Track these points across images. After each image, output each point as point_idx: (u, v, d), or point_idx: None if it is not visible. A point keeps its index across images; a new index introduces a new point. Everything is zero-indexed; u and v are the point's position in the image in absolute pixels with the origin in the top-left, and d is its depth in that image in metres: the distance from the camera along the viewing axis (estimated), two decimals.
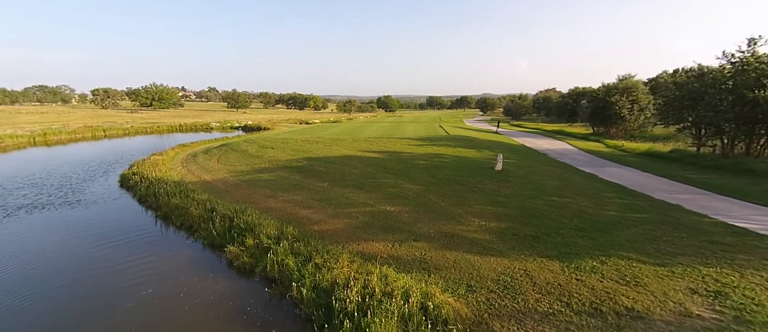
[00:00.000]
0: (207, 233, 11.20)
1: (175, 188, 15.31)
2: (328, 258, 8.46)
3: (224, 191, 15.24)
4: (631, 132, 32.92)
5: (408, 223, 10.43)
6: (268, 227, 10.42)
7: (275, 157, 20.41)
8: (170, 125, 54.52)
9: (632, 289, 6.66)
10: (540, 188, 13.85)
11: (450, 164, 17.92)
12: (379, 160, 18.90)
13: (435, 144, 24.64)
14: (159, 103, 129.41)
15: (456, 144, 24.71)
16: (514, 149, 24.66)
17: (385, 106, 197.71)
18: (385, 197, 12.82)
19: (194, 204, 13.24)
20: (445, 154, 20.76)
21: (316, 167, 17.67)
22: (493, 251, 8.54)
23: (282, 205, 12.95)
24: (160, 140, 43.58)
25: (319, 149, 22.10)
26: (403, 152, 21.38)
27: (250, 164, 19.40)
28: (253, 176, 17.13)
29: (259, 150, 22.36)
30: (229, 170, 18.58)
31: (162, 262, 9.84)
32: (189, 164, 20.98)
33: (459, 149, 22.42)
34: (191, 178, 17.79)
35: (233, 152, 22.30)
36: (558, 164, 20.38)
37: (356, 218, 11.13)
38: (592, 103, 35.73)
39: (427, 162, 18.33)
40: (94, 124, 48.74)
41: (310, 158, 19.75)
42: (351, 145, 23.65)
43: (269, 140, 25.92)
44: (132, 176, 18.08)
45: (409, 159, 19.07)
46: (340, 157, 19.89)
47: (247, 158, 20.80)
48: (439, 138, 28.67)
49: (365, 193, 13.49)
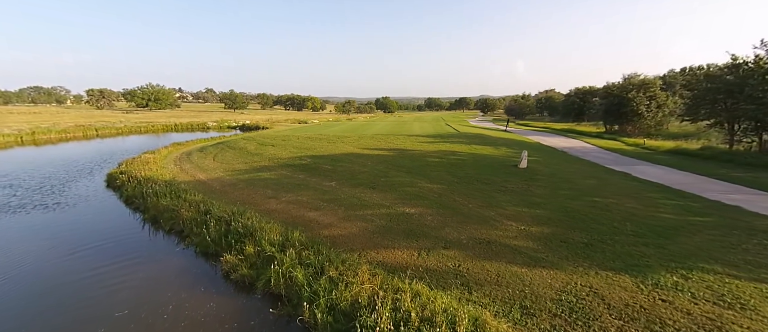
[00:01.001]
0: (200, 239, 9.71)
1: (166, 188, 13.80)
2: (344, 269, 7.01)
3: (220, 192, 13.75)
4: (647, 130, 31.60)
5: (433, 227, 8.99)
6: (270, 232, 8.96)
7: (276, 155, 18.93)
8: (165, 125, 52.87)
9: (740, 314, 5.23)
10: (575, 187, 12.43)
11: (468, 161, 16.51)
12: (390, 157, 17.47)
13: (447, 141, 23.23)
14: (155, 103, 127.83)
15: (469, 141, 23.29)
16: (532, 147, 23.19)
17: (384, 107, 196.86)
18: (402, 198, 11.37)
19: (186, 206, 11.73)
20: (460, 151, 19.34)
21: (321, 165, 16.21)
22: (542, 261, 7.10)
23: (285, 207, 11.49)
24: (155, 139, 42.02)
25: (323, 147, 20.64)
26: (413, 149, 19.96)
27: (248, 162, 17.91)
28: (252, 175, 15.64)
29: (258, 148, 20.87)
30: (225, 168, 17.08)
31: (145, 274, 8.35)
32: (183, 162, 19.46)
33: (474, 146, 21.00)
34: (184, 177, 16.28)
35: (230, 150, 20.79)
36: (584, 162, 18.94)
37: (372, 221, 9.68)
38: (607, 100, 34.30)
39: (443, 160, 16.91)
40: (86, 123, 47.04)
41: (314, 156, 18.29)
42: (357, 142, 22.22)
43: (269, 137, 24.45)
44: (119, 176, 16.54)
45: (421, 157, 17.64)
46: (346, 154, 18.44)
47: (245, 156, 19.31)
48: (450, 135, 27.25)
49: (379, 193, 12.03)
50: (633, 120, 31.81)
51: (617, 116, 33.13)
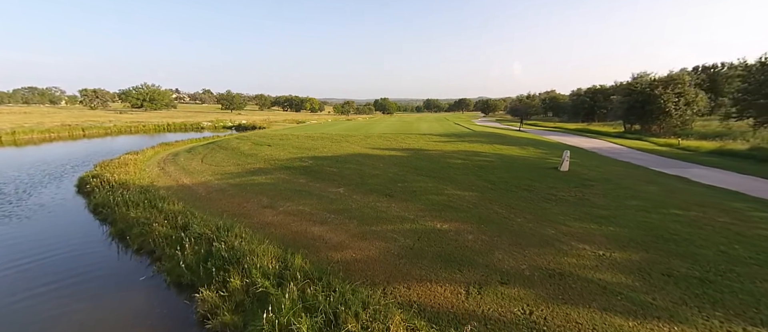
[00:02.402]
0: (172, 264, 7.53)
1: (141, 195, 11.58)
2: (367, 320, 4.87)
3: (206, 199, 11.56)
4: (673, 129, 29.45)
5: (478, 250, 6.83)
6: (264, 256, 6.81)
7: (273, 156, 16.71)
8: (157, 125, 50.50)
9: None
10: (640, 195, 10.19)
11: (496, 163, 14.32)
12: (404, 159, 15.28)
13: (464, 140, 21.02)
14: (150, 104, 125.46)
15: (489, 140, 21.09)
16: (556, 147, 20.99)
17: (383, 108, 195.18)
18: (429, 209, 9.20)
19: (160, 218, 9.53)
20: (484, 152, 17.14)
21: (325, 168, 14.00)
22: (651, 309, 4.94)
23: (284, 219, 9.32)
24: (144, 139, 39.75)
25: (326, 147, 18.41)
26: (429, 149, 17.77)
27: (241, 164, 15.70)
28: (244, 178, 13.44)
29: (253, 148, 18.63)
30: (214, 171, 14.87)
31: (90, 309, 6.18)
32: (167, 164, 17.22)
33: (496, 146, 18.80)
34: (166, 181, 14.06)
35: (222, 151, 18.56)
36: (626, 164, 16.69)
37: (394, 240, 7.52)
38: (630, 97, 32.12)
39: (466, 161, 14.71)
40: (73, 123, 44.64)
41: (317, 157, 16.07)
42: (363, 142, 20.01)
43: (266, 137, 22.21)
44: (91, 180, 14.31)
45: (440, 158, 15.44)
46: (353, 155, 16.23)
47: (238, 157, 17.08)
48: (465, 134, 25.03)
49: (398, 202, 9.85)
50: (659, 119, 29.74)
51: (641, 115, 30.96)
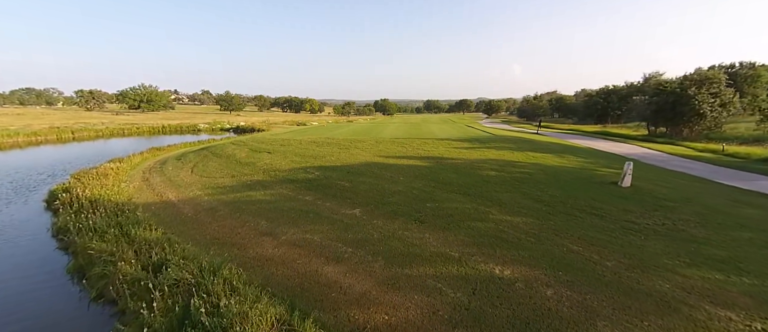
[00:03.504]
0: (137, 325, 5.49)
1: (112, 217, 9.49)
2: None
3: (192, 222, 9.48)
4: (705, 132, 27.24)
5: (570, 319, 4.72)
6: (260, 322, 4.77)
7: (273, 165, 14.59)
8: (152, 127, 48.37)
9: None
10: (747, 224, 7.93)
11: (539, 176, 12.05)
12: (428, 170, 13.10)
13: (489, 147, 18.56)
14: (147, 105, 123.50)
15: (518, 147, 18.64)
16: (586, 153, 18.68)
17: (383, 109, 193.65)
18: (477, 242, 7.11)
19: (129, 252, 7.45)
20: (518, 161, 14.80)
21: (335, 181, 11.88)
22: None
23: (287, 253, 7.26)
24: (137, 142, 37.69)
25: (333, 154, 16.26)
26: (453, 157, 15.49)
27: (236, 175, 13.60)
28: (240, 194, 11.33)
29: (250, 156, 16.50)
30: (205, 184, 12.78)
31: None
32: (152, 175, 15.13)
33: (529, 154, 16.47)
34: (148, 197, 11.98)
35: (215, 159, 16.44)
36: (685, 176, 14.36)
37: (439, 293, 5.46)
38: (659, 98, 29.83)
39: (502, 173, 12.48)
40: (62, 125, 42.52)
41: (324, 167, 13.94)
42: (374, 148, 17.84)
43: (265, 141, 20.06)
44: (61, 195, 12.21)
45: (470, 168, 13.21)
46: (366, 165, 14.08)
47: (233, 166, 14.98)
48: (487, 140, 22.45)
49: (434, 231, 7.76)
50: (691, 121, 27.54)
51: (671, 117, 28.70)
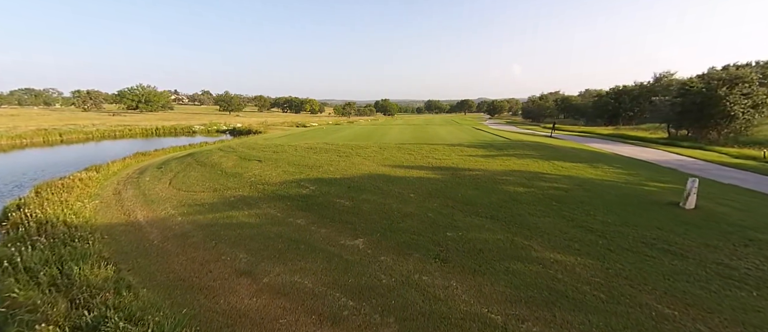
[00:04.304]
0: None
1: (54, 248, 7.64)
2: None
3: (157, 252, 7.63)
4: (733, 136, 25.25)
5: None
6: None
7: (262, 176, 12.71)
8: (145, 129, 46.56)
9: None
10: None
11: (577, 194, 9.90)
12: (442, 184, 11.09)
13: (507, 154, 16.45)
14: (145, 105, 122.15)
15: (540, 154, 16.52)
16: (613, 160, 16.54)
17: (384, 110, 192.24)
18: (523, 298, 5.23)
19: (62, 302, 5.61)
20: (547, 173, 12.53)
21: (333, 199, 10.00)
22: None
23: (267, 304, 5.42)
24: (127, 145, 35.95)
25: (332, 163, 14.37)
26: (469, 168, 13.43)
27: (219, 189, 11.73)
28: (219, 215, 9.47)
29: (238, 164, 14.63)
30: (182, 200, 10.93)
31: None
32: (126, 187, 13.29)
33: (556, 163, 14.33)
34: (112, 216, 10.13)
35: (198, 168, 14.57)
36: (743, 190, 12.12)
37: None
38: (684, 98, 27.55)
39: (531, 189, 10.41)
40: (50, 127, 40.73)
41: (321, 180, 12.05)
42: (378, 155, 15.92)
43: (257, 147, 18.18)
44: (12, 214, 10.39)
45: (492, 182, 11.14)
46: (369, 176, 12.18)
47: (217, 177, 13.11)
48: (502, 145, 20.14)
49: (462, 275, 5.89)
50: (721, 123, 25.55)
51: (698, 119, 26.73)
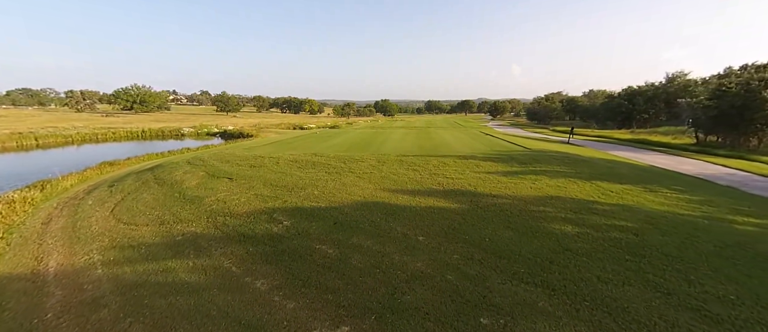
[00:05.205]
0: None
1: None
2: None
3: None
4: None
5: None
6: None
7: (227, 203, 10.02)
8: (130, 132, 43.95)
9: None
10: None
11: (654, 240, 6.95)
12: (460, 218, 8.19)
13: (533, 170, 13.03)
14: (140, 106, 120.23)
15: (575, 172, 13.02)
16: (687, 185, 12.73)
17: (384, 110, 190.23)
18: None
19: None
20: (596, 201, 9.30)
21: (312, 243, 7.33)
22: None
23: None
24: (107, 150, 33.48)
25: (317, 184, 11.61)
26: (491, 192, 10.19)
27: (168, 222, 9.07)
28: (152, 267, 6.82)
29: (202, 184, 11.93)
30: (114, 238, 8.30)
31: None
32: (62, 213, 10.68)
33: (599, 185, 11.15)
34: (19, 263, 7.50)
35: (155, 188, 11.90)
36: None
37: None
38: (721, 101, 24.54)
39: (586, 229, 7.50)
40: (26, 130, 38.16)
41: (300, 211, 9.35)
42: (376, 172, 13.15)
43: (233, 159, 15.45)
44: None
45: (528, 218, 8.18)
46: (363, 207, 9.46)
47: (171, 202, 10.45)
48: (523, 157, 15.92)
49: None
50: (764, 130, 22.77)
51: (736, 124, 23.95)
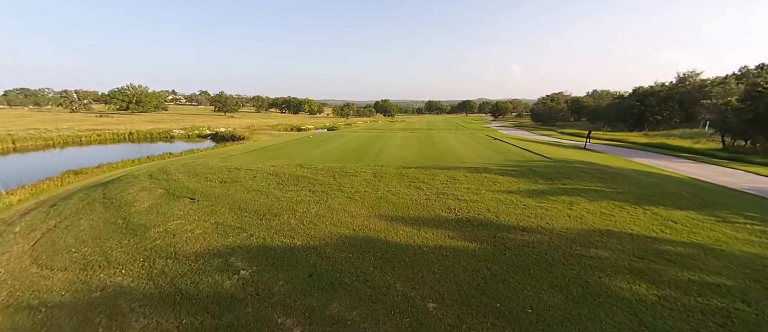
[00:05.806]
0: None
1: None
2: None
3: None
4: None
5: None
6: None
7: (177, 236, 7.82)
8: (117, 134, 41.84)
9: None
10: None
11: None
12: (483, 267, 5.91)
13: (562, 190, 10.29)
14: (136, 106, 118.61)
15: (614, 191, 10.34)
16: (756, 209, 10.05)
17: (384, 110, 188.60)
18: None
19: None
20: (663, 241, 6.88)
21: (271, 314, 5.10)
22: None
23: None
24: (86, 154, 31.48)
25: (297, 208, 9.28)
26: (517, 224, 7.76)
27: (90, 266, 6.86)
28: None
29: (155, 207, 9.67)
30: (13, 292, 6.12)
31: None
32: None
33: (655, 212, 8.63)
34: None
35: (99, 210, 9.70)
36: None
37: None
38: (756, 103, 22.18)
39: (666, 292, 5.06)
40: (5, 132, 36.17)
41: (267, 250, 7.10)
42: (371, 191, 10.80)
43: (205, 171, 13.16)
44: None
45: (574, 268, 5.83)
46: (350, 246, 7.19)
47: (109, 234, 8.24)
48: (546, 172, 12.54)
49: None
50: None
51: None
